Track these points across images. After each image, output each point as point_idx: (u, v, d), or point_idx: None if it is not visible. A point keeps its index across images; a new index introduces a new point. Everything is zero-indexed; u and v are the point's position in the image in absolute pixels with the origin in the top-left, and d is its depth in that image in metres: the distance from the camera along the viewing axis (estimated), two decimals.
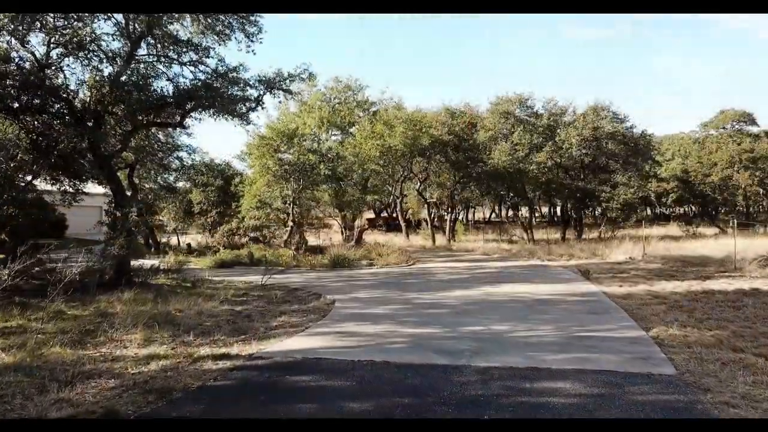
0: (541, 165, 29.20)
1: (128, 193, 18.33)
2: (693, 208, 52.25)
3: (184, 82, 15.37)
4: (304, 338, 8.66)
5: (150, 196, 28.38)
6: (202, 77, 15.69)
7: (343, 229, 25.66)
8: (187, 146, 26.63)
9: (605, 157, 31.28)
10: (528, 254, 23.82)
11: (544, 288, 14.05)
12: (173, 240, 28.74)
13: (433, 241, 30.93)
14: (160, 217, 25.90)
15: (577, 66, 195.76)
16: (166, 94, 14.49)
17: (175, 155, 26.53)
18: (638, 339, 8.32)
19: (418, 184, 31.33)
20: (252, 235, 25.24)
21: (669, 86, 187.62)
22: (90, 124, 14.50)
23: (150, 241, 26.16)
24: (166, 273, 16.70)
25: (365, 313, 10.82)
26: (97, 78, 14.51)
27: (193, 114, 15.94)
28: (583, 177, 31.69)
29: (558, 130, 30.40)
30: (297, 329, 9.35)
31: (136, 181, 26.85)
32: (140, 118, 14.52)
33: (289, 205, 22.03)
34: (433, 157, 29.68)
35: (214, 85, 15.36)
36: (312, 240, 26.84)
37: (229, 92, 15.91)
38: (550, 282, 15.26)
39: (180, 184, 26.77)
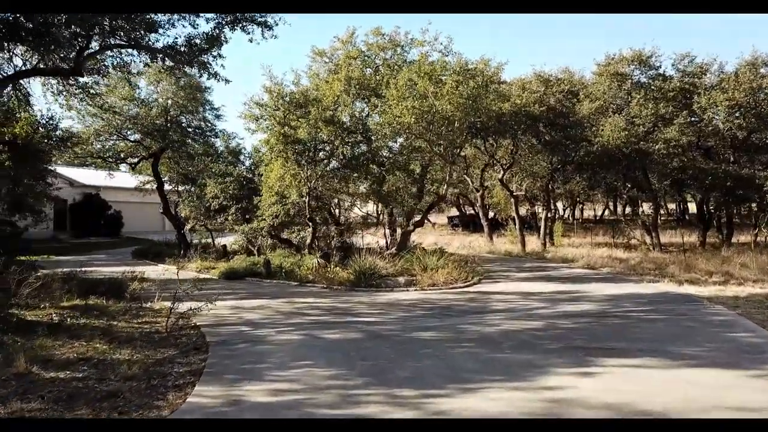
0: (670, 143, 19.44)
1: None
2: None
3: None
4: None
5: (181, 191, 23.11)
6: None
7: (388, 231, 18.13)
8: (221, 131, 20.82)
9: None
10: (654, 270, 14.71)
11: (709, 399, 5.56)
12: (220, 240, 23.05)
13: (523, 246, 22.25)
14: (184, 215, 20.26)
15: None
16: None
17: (204, 140, 20.98)
18: None
19: (501, 172, 22.81)
20: (284, 236, 18.68)
21: None
22: None
23: (181, 242, 20.76)
24: (79, 296, 10.40)
25: None
26: None
27: (92, 53, 9.49)
28: (734, 159, 21.24)
29: (695, 97, 20.29)
30: None
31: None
32: None
33: (305, 197, 15.05)
34: (519, 137, 21.10)
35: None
36: (362, 243, 19.74)
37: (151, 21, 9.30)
38: (717, 361, 6.55)
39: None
